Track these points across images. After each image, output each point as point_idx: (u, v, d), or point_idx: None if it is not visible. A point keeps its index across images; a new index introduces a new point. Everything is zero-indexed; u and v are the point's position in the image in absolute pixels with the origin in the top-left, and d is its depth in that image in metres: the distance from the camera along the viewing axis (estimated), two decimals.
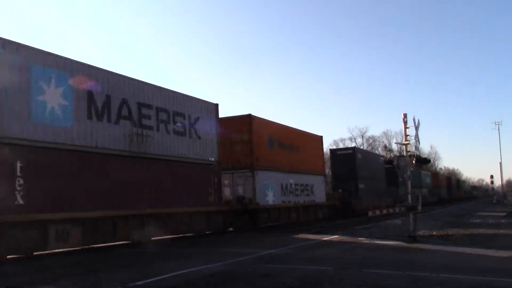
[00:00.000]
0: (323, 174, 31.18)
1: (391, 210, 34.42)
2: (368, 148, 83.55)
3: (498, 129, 76.03)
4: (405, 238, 15.90)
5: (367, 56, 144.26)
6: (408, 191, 16.51)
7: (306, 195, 27.53)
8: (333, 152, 39.38)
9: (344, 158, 36.53)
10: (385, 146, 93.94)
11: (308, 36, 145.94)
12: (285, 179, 25.08)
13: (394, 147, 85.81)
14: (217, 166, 19.57)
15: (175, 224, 16.96)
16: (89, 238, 13.52)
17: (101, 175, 14.05)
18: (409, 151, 16.91)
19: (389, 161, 43.86)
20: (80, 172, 13.41)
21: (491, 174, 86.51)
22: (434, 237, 18.15)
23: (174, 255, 12.90)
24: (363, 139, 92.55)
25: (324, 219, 28.75)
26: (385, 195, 40.56)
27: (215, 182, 19.32)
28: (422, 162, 21.17)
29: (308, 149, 28.46)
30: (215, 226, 19.28)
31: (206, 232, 19.04)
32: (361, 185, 35.80)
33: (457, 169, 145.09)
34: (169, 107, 17.25)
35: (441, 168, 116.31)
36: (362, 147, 78.53)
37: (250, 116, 22.57)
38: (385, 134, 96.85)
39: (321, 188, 30.01)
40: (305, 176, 27.47)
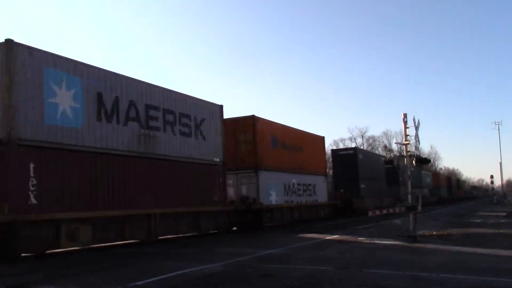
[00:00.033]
0: (325, 174, 31.52)
1: (391, 210, 34.62)
2: (368, 148, 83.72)
3: (498, 129, 76.09)
4: (405, 238, 15.87)
5: (367, 56, 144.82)
6: (408, 191, 16.42)
7: (309, 195, 27.85)
8: (335, 153, 39.82)
9: (346, 159, 36.92)
10: (385, 146, 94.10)
11: (308, 36, 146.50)
12: (288, 179, 25.39)
13: (394, 147, 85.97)
14: (222, 167, 19.91)
15: (182, 224, 17.33)
16: (99, 237, 13.85)
17: (110, 175, 14.37)
18: (409, 151, 16.88)
19: (389, 161, 44.12)
20: (90, 173, 13.71)
21: (491, 174, 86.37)
22: (434, 237, 18.14)
23: (174, 255, 12.88)
24: (363, 139, 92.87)
25: (326, 219, 29.05)
26: (386, 195, 40.91)
27: (220, 182, 19.66)
28: (422, 162, 21.17)
29: (311, 150, 28.78)
30: (220, 226, 19.63)
31: (211, 232, 19.38)
32: (363, 185, 36.15)
33: (457, 169, 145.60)
34: (176, 109, 17.57)
35: (441, 168, 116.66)
36: (362, 147, 78.70)
37: (254, 117, 22.87)
38: (385, 134, 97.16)
39: (323, 188, 30.33)
40: (308, 176, 27.80)
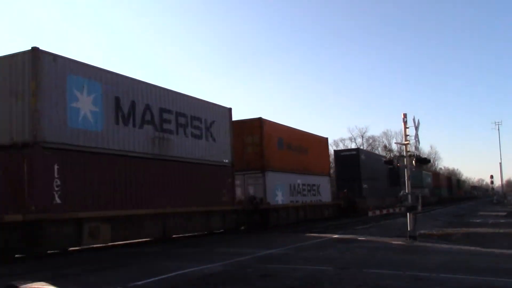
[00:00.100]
0: (329, 175, 32.19)
1: (391, 210, 35.24)
2: (368, 148, 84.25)
3: (498, 129, 76.80)
4: (405, 238, 15.95)
5: (367, 56, 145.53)
6: (408, 191, 16.52)
7: (313, 195, 28.52)
8: (337, 153, 40.47)
9: (348, 159, 37.59)
10: (385, 146, 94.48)
11: (308, 36, 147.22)
12: (293, 180, 26.07)
13: (394, 147, 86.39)
14: (231, 168, 20.57)
15: (194, 223, 17.99)
16: (118, 235, 14.49)
17: (128, 176, 15.01)
18: (409, 151, 17.08)
19: (389, 161, 44.58)
20: (109, 174, 14.36)
21: (491, 174, 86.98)
22: (434, 237, 18.43)
23: (174, 255, 13.04)
24: (363, 139, 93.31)
25: (330, 219, 29.70)
26: (388, 195, 41.52)
27: (229, 183, 20.33)
28: (422, 162, 21.27)
29: (315, 151, 29.47)
30: (230, 225, 20.29)
31: (221, 231, 20.05)
32: (365, 185, 36.83)
33: (457, 169, 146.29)
34: (188, 112, 18.23)
35: (441, 168, 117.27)
36: (362, 147, 79.27)
37: (261, 120, 23.54)
38: (385, 134, 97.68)
39: (327, 188, 31.01)
40: (312, 177, 28.48)
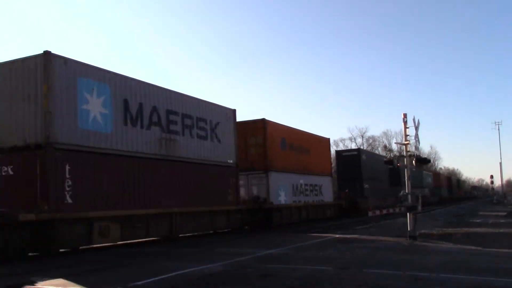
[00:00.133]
0: (331, 175, 32.51)
1: (391, 210, 35.54)
2: (368, 148, 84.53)
3: (498, 129, 76.92)
4: (405, 238, 16.01)
5: (367, 56, 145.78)
6: (408, 191, 16.63)
7: (315, 195, 28.85)
8: (339, 154, 40.83)
9: (350, 159, 37.95)
10: (385, 146, 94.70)
11: (308, 36, 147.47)
12: (296, 180, 26.40)
13: (394, 147, 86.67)
14: (235, 168, 20.91)
15: (200, 222, 18.33)
16: (126, 234, 14.83)
17: (136, 177, 15.34)
18: (409, 151, 17.22)
19: (389, 161, 44.95)
20: (118, 174, 14.70)
21: (491, 174, 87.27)
22: (434, 237, 18.52)
23: (174, 255, 13.07)
24: (363, 139, 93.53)
25: (331, 218, 30.05)
26: (389, 195, 41.85)
27: (233, 183, 20.67)
28: (422, 162, 21.54)
29: (317, 151, 29.80)
30: (234, 224, 20.63)
31: (226, 230, 20.38)
32: (366, 185, 37.17)
33: (457, 169, 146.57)
34: (193, 113, 18.56)
35: (441, 168, 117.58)
36: (362, 147, 79.56)
37: (264, 121, 23.90)
38: (385, 134, 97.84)
39: (329, 188, 31.35)
40: (314, 177, 28.82)
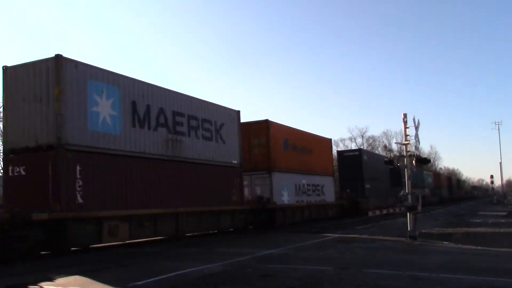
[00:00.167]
0: (332, 175, 32.81)
1: (391, 210, 35.81)
2: (368, 148, 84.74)
3: (498, 129, 77.11)
4: (405, 238, 16.13)
5: (367, 56, 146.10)
6: (408, 191, 16.74)
7: (317, 195, 29.16)
8: (340, 154, 41.16)
9: (351, 160, 38.25)
10: (385, 146, 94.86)
11: (308, 36, 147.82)
12: (299, 180, 26.71)
13: (394, 147, 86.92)
14: (239, 168, 21.24)
15: (205, 222, 18.66)
16: (135, 233, 15.17)
17: (144, 177, 15.67)
18: (409, 151, 17.38)
19: (389, 161, 45.26)
20: (127, 174, 15.02)
21: (491, 174, 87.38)
22: (434, 237, 18.75)
23: (174, 255, 13.20)
24: (363, 139, 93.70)
25: (333, 218, 30.35)
26: (390, 195, 42.16)
27: (238, 183, 21.01)
28: (422, 162, 21.78)
29: (319, 151, 30.11)
30: (238, 224, 20.97)
31: (230, 229, 20.70)
32: (368, 185, 37.46)
33: (457, 169, 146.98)
34: (199, 115, 18.89)
35: (441, 168, 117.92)
36: (362, 147, 79.78)
37: (267, 122, 24.22)
38: (385, 134, 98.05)
39: (331, 188, 31.64)
40: (316, 177, 29.13)
